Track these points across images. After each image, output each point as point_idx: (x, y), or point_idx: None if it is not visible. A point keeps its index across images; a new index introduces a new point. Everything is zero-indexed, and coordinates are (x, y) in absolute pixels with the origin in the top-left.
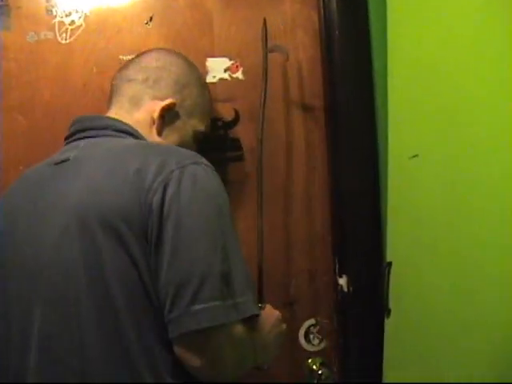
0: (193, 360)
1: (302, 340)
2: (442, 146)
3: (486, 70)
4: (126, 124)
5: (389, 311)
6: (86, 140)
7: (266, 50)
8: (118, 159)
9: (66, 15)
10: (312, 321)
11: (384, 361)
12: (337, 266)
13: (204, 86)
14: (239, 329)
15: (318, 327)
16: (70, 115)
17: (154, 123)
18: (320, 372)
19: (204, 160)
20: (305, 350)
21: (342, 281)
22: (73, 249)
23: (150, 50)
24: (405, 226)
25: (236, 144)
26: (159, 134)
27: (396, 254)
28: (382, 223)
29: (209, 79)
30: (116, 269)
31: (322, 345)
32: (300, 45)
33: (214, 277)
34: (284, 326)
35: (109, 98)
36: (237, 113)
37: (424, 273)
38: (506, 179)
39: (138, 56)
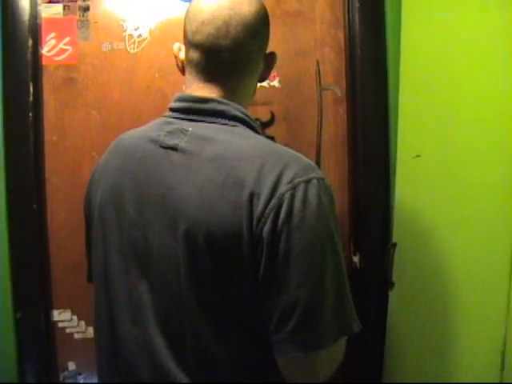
0: (289, 373)
1: None
2: (441, 148)
3: (488, 79)
4: (236, 108)
5: (392, 284)
6: (194, 124)
7: (320, 88)
8: (232, 174)
9: (135, 29)
10: None
11: (387, 326)
12: (352, 246)
13: None
14: (333, 349)
15: None
16: (135, 112)
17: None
18: None
19: (316, 172)
20: None
21: (356, 258)
22: (177, 252)
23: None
24: (408, 214)
25: (271, 140)
26: (257, 82)
27: (401, 236)
28: (390, 212)
29: None
30: (212, 286)
31: None
32: (327, 58)
33: (315, 308)
34: None
35: (211, 59)
36: (273, 115)
37: (423, 253)
38: (496, 176)
39: (232, 8)
